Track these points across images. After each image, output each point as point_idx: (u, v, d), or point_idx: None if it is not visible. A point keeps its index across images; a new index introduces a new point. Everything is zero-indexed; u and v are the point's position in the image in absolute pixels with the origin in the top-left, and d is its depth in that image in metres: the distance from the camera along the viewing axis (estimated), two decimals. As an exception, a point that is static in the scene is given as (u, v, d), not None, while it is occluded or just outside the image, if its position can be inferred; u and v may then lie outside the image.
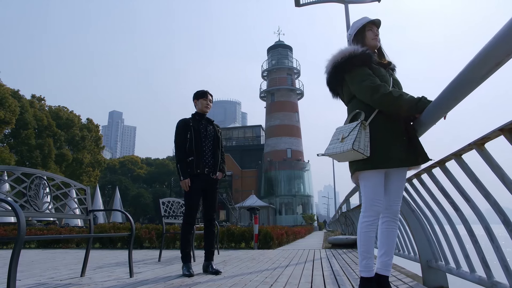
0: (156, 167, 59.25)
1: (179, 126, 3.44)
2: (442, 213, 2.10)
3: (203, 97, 3.50)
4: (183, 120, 3.48)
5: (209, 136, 3.46)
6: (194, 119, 3.48)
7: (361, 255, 1.95)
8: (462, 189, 1.68)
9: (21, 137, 31.89)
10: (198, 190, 3.34)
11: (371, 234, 1.93)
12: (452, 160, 1.65)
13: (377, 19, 2.14)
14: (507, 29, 0.95)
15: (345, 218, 8.77)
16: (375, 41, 2.10)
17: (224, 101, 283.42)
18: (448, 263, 2.31)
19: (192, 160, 3.31)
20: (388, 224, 2.02)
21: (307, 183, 41.61)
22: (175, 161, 3.39)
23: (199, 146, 3.34)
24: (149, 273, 3.37)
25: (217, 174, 3.45)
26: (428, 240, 2.61)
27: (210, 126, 3.53)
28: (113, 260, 4.76)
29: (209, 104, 3.52)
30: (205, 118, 3.54)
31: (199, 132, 3.39)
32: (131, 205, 46.53)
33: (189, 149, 3.33)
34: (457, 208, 1.83)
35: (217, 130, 3.56)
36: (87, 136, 37.54)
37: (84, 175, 36.78)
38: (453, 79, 1.40)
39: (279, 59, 45.18)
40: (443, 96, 1.48)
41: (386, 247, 2.01)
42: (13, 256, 1.89)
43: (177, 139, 3.39)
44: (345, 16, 7.74)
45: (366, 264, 1.93)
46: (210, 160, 3.41)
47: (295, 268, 3.68)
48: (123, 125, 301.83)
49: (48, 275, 3.31)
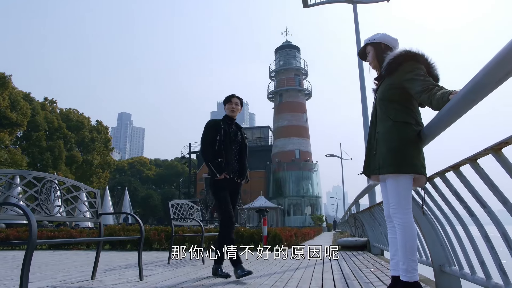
0: (165, 168, 59.61)
1: (209, 125, 3.41)
2: (456, 218, 2.06)
3: (228, 102, 3.52)
4: (214, 120, 3.47)
5: (237, 142, 3.46)
6: (224, 122, 3.46)
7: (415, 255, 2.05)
8: (478, 194, 1.64)
9: (32, 139, 32.39)
10: (226, 189, 3.31)
11: None
12: (467, 165, 1.61)
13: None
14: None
15: (354, 219, 8.69)
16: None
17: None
18: (462, 268, 2.26)
19: (221, 162, 3.27)
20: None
21: (315, 184, 41.42)
22: (204, 160, 3.35)
23: (228, 150, 3.31)
24: (159, 276, 3.38)
25: (243, 180, 3.46)
26: (441, 244, 2.56)
27: (239, 132, 3.53)
28: (122, 262, 4.79)
29: (234, 108, 3.50)
30: (234, 123, 3.54)
31: (229, 136, 3.36)
32: (140, 206, 46.85)
33: (218, 151, 3.29)
34: (472, 213, 1.79)
35: (244, 137, 3.56)
36: (97, 138, 37.96)
37: (94, 177, 37.20)
38: (468, 82, 1.37)
39: (287, 59, 45.07)
40: (458, 100, 1.45)
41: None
42: (25, 260, 1.90)
43: (206, 138, 3.35)
44: (354, 16, 7.67)
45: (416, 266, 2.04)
46: (236, 165, 3.40)
47: (305, 271, 3.65)
48: (132, 127, 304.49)
49: (59, 277, 3.34)
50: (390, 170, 2.02)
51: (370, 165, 2.21)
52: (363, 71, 8.79)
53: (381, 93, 2.22)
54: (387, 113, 2.14)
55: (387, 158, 2.03)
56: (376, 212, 4.83)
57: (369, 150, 2.24)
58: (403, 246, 2.03)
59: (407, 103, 2.11)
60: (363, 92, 8.83)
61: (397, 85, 2.11)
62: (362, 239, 6.95)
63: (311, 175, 41.23)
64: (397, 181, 2.03)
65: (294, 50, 45.87)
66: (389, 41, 2.32)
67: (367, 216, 6.04)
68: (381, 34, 2.37)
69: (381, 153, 2.08)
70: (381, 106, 2.19)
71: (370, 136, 2.27)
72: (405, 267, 2.02)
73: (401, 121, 2.06)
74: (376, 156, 2.13)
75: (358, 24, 7.56)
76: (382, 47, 2.30)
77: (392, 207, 2.10)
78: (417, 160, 1.99)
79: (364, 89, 8.81)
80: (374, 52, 2.33)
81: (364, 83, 8.83)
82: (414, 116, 2.09)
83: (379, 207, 4.50)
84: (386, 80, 2.22)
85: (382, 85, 2.24)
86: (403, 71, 2.08)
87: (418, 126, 2.07)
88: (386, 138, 2.08)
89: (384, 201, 2.33)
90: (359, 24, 7.67)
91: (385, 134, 2.10)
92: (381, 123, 2.17)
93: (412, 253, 2.03)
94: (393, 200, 2.08)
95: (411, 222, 2.05)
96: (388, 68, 2.17)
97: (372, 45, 2.35)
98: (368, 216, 5.96)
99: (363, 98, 8.83)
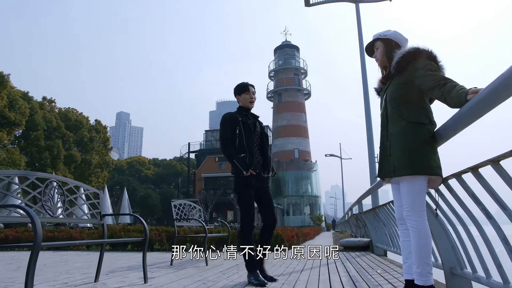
0: (164, 168, 59.53)
1: (226, 120, 3.12)
2: (471, 220, 2.01)
3: (245, 91, 3.18)
4: (230, 114, 3.17)
5: (257, 133, 3.16)
6: (241, 113, 3.15)
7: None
8: (498, 196, 1.59)
9: (30, 138, 32.27)
10: (251, 191, 3.04)
11: None
12: (488, 166, 1.56)
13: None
14: None
15: (356, 220, 8.66)
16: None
17: (231, 102, 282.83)
18: (476, 271, 2.21)
19: (244, 157, 2.98)
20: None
21: (314, 183, 41.43)
22: (227, 158, 3.04)
23: (250, 143, 3.02)
24: (163, 278, 3.32)
25: (270, 174, 3.16)
26: (452, 246, 2.51)
27: (257, 123, 3.23)
28: (125, 263, 4.73)
29: (253, 98, 3.20)
30: (250, 113, 3.23)
31: (248, 127, 3.06)
32: (139, 206, 46.75)
33: (240, 146, 3.01)
34: (490, 216, 1.74)
35: (263, 127, 3.27)
36: (96, 138, 37.86)
37: (92, 176, 37.10)
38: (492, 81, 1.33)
39: (286, 59, 45.06)
40: (480, 99, 1.40)
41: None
42: (30, 264, 1.85)
43: (225, 134, 3.06)
44: (356, 16, 7.62)
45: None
46: (260, 159, 3.11)
47: (311, 273, 3.60)
48: (131, 126, 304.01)
49: (61, 280, 3.28)
50: (406, 172, 1.97)
51: (384, 167, 2.16)
52: (366, 70, 8.73)
53: (392, 93, 2.16)
54: (399, 113, 2.08)
55: (403, 160, 1.98)
56: (382, 213, 4.78)
57: (383, 152, 2.18)
58: (418, 250, 1.98)
59: (420, 101, 2.06)
60: (366, 92, 8.75)
61: (408, 83, 2.06)
62: (365, 239, 6.91)
63: (310, 174, 41.23)
64: (412, 183, 1.98)
65: (293, 50, 45.86)
66: (400, 40, 2.26)
67: (371, 216, 5.99)
68: (392, 31, 2.31)
69: (396, 155, 2.03)
70: (393, 106, 2.13)
71: (383, 137, 2.21)
72: (420, 270, 1.98)
73: (415, 121, 2.01)
74: (391, 158, 2.08)
75: (360, 24, 7.51)
76: (392, 45, 2.24)
77: (406, 209, 2.04)
78: (433, 161, 1.94)
79: (366, 89, 8.72)
80: (384, 48, 2.27)
81: (366, 83, 8.75)
82: (427, 115, 2.04)
83: (384, 208, 4.45)
84: (395, 80, 2.17)
85: (391, 85, 2.19)
86: (414, 68, 2.04)
87: (432, 126, 2.02)
88: (400, 139, 2.02)
89: (396, 203, 2.27)
90: (362, 24, 7.64)
91: (399, 135, 2.04)
92: (393, 124, 2.11)
93: (426, 257, 1.99)
94: (407, 202, 2.03)
95: (425, 225, 2.00)
96: (398, 66, 2.12)
97: (382, 41, 2.28)
98: (372, 216, 5.92)
99: (366, 98, 8.74)
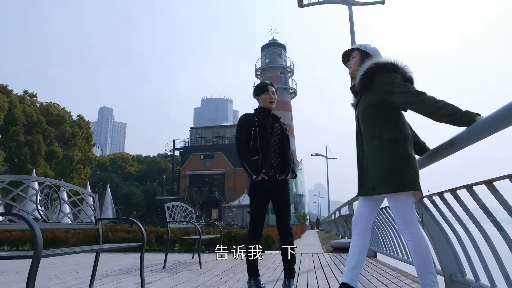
0: (148, 165, 58.72)
1: (241, 122, 3.06)
2: (479, 231, 2.03)
3: (264, 92, 3.09)
4: (246, 115, 3.11)
5: (275, 134, 3.03)
6: (258, 114, 3.06)
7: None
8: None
9: (9, 133, 31.26)
10: (263, 196, 2.96)
11: None
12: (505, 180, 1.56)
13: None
14: None
15: (345, 221, 8.73)
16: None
17: (216, 99, 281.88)
18: (479, 279, 2.24)
19: (257, 160, 2.92)
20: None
21: (299, 182, 41.64)
22: (239, 160, 2.99)
23: (264, 144, 2.93)
24: (159, 284, 3.25)
25: (288, 176, 3.02)
26: (453, 253, 2.54)
27: (277, 123, 3.10)
28: (115, 266, 4.61)
29: (272, 98, 3.09)
30: (271, 114, 3.12)
31: (264, 129, 2.97)
32: (122, 203, 46.04)
33: (253, 147, 2.94)
34: (501, 228, 1.76)
35: (284, 128, 3.13)
36: (78, 133, 36.98)
37: (74, 173, 36.29)
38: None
39: (273, 57, 45.07)
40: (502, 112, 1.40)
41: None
42: (30, 276, 1.76)
43: (239, 136, 3.01)
44: (349, 18, 7.64)
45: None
46: (276, 160, 2.98)
47: (308, 277, 3.60)
48: (113, 122, 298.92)
49: (53, 285, 3.18)
50: (384, 190, 2.01)
51: (364, 185, 2.17)
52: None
53: (362, 111, 2.20)
54: (371, 132, 2.12)
55: (380, 179, 2.02)
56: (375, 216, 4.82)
57: (361, 170, 2.20)
58: (418, 261, 2.00)
59: (391, 117, 2.08)
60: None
61: (377, 100, 2.09)
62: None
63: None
64: (396, 200, 2.01)
65: (280, 49, 45.90)
66: (376, 57, 2.25)
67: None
68: (373, 47, 2.34)
69: (373, 173, 2.06)
70: (364, 124, 2.18)
71: (359, 154, 2.24)
72: (424, 281, 1.99)
73: (387, 139, 2.03)
74: (369, 176, 2.10)
75: (353, 26, 7.51)
76: (368, 59, 2.24)
77: (398, 225, 2.07)
78: (411, 177, 1.97)
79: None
80: (359, 60, 2.29)
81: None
82: (400, 129, 2.05)
83: (379, 211, 4.48)
84: (364, 96, 2.20)
85: (361, 101, 2.22)
86: (380, 83, 2.07)
87: (406, 139, 2.04)
88: (375, 157, 2.06)
89: (357, 209, 2.31)
90: (354, 26, 7.68)
91: (373, 153, 2.08)
92: (367, 142, 2.15)
93: (428, 267, 1.99)
94: (397, 219, 2.05)
95: (420, 236, 2.02)
96: (362, 83, 2.17)
97: (360, 52, 2.31)
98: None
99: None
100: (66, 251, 2.05)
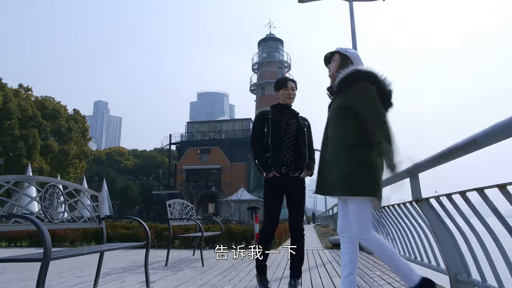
0: (144, 159, 58.51)
1: (256, 119, 3.06)
2: (488, 232, 2.03)
3: (283, 87, 3.05)
4: (261, 112, 3.07)
5: (290, 131, 2.96)
6: (274, 111, 3.04)
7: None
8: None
9: (4, 127, 30.93)
10: (275, 193, 2.93)
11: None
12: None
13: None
14: None
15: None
16: None
17: (212, 93, 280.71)
18: (486, 280, 2.25)
19: (269, 157, 2.89)
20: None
21: (296, 177, 41.70)
22: (253, 158, 2.99)
23: (277, 141, 2.89)
24: (163, 283, 3.24)
25: (302, 173, 2.95)
26: (459, 253, 2.55)
27: (293, 120, 3.02)
28: (117, 263, 4.59)
29: (291, 93, 3.04)
30: (289, 110, 3.07)
31: (278, 126, 2.93)
32: (119, 198, 45.90)
33: (266, 144, 2.91)
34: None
35: (302, 123, 3.04)
36: (74, 127, 36.67)
37: (70, 167, 36.07)
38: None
39: (270, 52, 44.84)
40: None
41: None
42: (39, 280, 1.74)
43: (254, 134, 3.02)
44: (350, 14, 7.59)
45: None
46: (290, 157, 2.91)
47: (312, 275, 3.61)
48: (109, 116, 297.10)
49: (56, 284, 3.16)
50: (342, 193, 2.07)
51: (324, 185, 2.20)
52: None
53: (332, 114, 2.28)
54: (337, 135, 2.17)
55: (338, 181, 2.06)
56: (375, 214, 4.85)
57: (321, 169, 2.24)
58: (386, 262, 2.08)
59: (358, 123, 2.11)
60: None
61: (348, 105, 2.15)
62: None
63: (292, 168, 41.45)
64: (354, 203, 2.06)
65: (277, 43, 45.67)
66: (356, 62, 2.31)
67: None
68: (353, 51, 2.40)
69: (333, 175, 2.10)
70: (332, 125, 2.24)
71: (323, 154, 2.27)
72: (400, 276, 2.05)
73: (352, 143, 2.08)
74: (330, 177, 2.13)
75: (354, 22, 7.47)
76: (347, 62, 2.30)
77: (356, 229, 2.10)
78: (369, 183, 1.99)
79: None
80: (339, 63, 2.33)
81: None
82: (366, 135, 2.07)
83: (382, 210, 4.50)
84: (337, 98, 2.27)
85: (333, 104, 2.30)
86: (355, 91, 2.13)
87: (372, 146, 2.04)
88: (336, 160, 2.11)
89: (339, 215, 2.38)
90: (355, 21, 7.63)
91: (336, 155, 2.12)
92: (331, 143, 2.21)
93: (393, 262, 2.03)
94: (353, 221, 2.09)
95: (374, 237, 2.06)
96: (340, 85, 2.22)
97: (341, 56, 2.35)
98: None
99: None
100: (74, 253, 2.03)
